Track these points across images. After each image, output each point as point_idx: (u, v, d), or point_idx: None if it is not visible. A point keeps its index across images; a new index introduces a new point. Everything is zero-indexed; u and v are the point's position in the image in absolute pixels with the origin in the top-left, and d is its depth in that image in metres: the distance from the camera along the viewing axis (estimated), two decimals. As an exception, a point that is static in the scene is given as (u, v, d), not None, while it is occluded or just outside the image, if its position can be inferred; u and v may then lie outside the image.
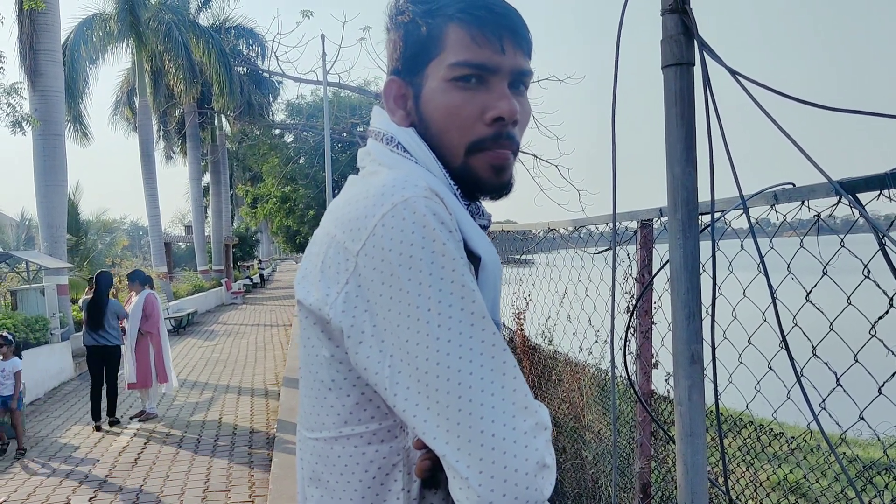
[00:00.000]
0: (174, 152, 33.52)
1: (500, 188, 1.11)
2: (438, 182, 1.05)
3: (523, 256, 5.01)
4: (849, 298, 1.73)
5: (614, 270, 1.58)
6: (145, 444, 7.89)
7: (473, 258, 1.02)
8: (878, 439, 1.85)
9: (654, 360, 2.85)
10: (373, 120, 1.18)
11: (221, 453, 7.42)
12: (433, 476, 0.97)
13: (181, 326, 19.30)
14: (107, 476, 6.78)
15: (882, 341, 1.66)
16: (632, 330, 2.90)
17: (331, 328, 0.97)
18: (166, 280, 23.51)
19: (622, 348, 2.28)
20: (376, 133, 1.15)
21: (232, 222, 41.03)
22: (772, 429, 2.25)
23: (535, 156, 18.21)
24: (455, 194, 1.08)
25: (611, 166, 1.58)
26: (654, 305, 2.87)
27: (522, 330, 4.85)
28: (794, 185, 1.85)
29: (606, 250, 3.13)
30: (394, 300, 0.90)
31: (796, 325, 1.89)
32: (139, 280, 9.21)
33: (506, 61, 1.06)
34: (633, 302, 2.96)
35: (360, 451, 1.01)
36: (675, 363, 1.46)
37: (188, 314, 20.18)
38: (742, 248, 1.92)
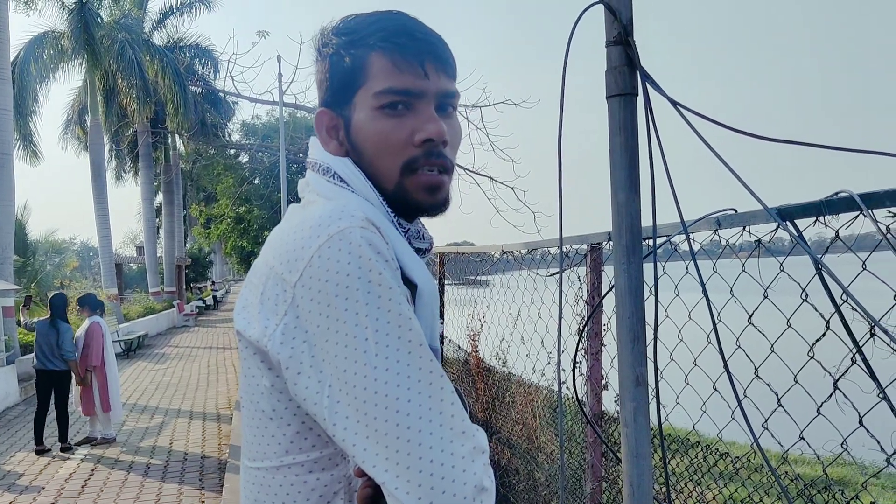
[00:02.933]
0: (125, 172, 33.01)
1: (436, 206, 1.12)
2: (376, 211, 1.06)
3: (479, 277, 5.04)
4: (788, 321, 1.78)
5: (560, 294, 1.61)
6: (93, 470, 7.69)
7: (410, 286, 1.03)
8: (818, 458, 1.90)
9: (604, 382, 2.89)
10: (310, 151, 1.19)
11: (171, 479, 7.26)
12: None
13: (131, 349, 18.89)
14: (52, 504, 6.59)
15: (820, 363, 1.71)
16: (582, 352, 2.94)
17: (270, 358, 0.98)
18: (117, 302, 23.04)
19: (572, 370, 2.31)
20: (313, 164, 1.16)
21: (185, 243, 40.41)
22: (717, 449, 2.29)
23: (491, 178, 18.32)
24: (393, 222, 1.09)
25: (557, 193, 1.62)
26: (603, 328, 2.92)
27: (477, 351, 4.86)
28: (735, 210, 1.91)
29: (557, 273, 3.17)
30: (331, 330, 0.91)
31: (739, 346, 1.93)
32: (89, 305, 8.94)
33: (430, 85, 1.08)
34: (583, 324, 3.00)
35: (302, 479, 1.01)
36: (620, 386, 1.49)
37: (139, 337, 19.77)
38: (687, 272, 1.97)
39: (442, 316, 5.58)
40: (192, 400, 11.85)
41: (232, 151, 31.17)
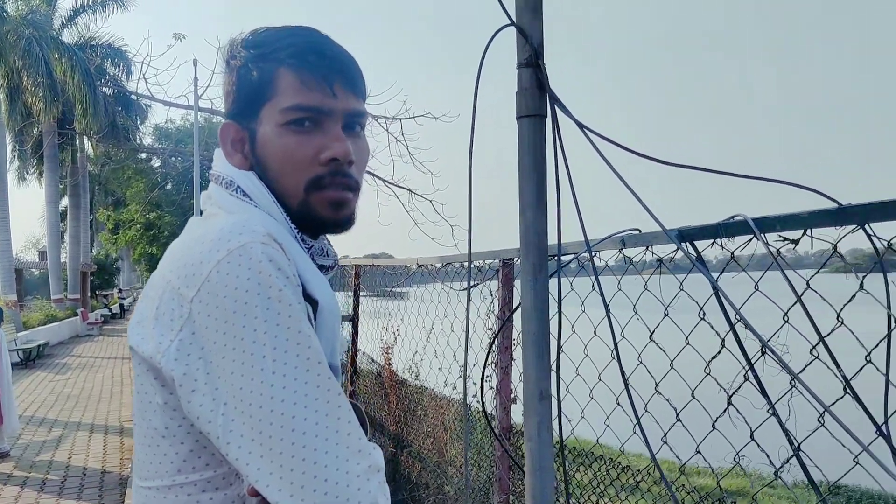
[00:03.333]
0: (29, 173, 31.66)
1: (340, 223, 1.12)
2: (279, 226, 1.05)
3: (396, 289, 5.04)
4: (686, 339, 1.85)
5: (468, 309, 1.64)
6: (-17, 486, 7.30)
7: (312, 302, 1.03)
8: (713, 471, 1.97)
9: (513, 395, 2.93)
10: (214, 163, 1.17)
11: (69, 495, 6.96)
12: None
13: (31, 359, 18.01)
14: (-64, 523, 6.22)
15: (716, 379, 1.78)
16: (492, 366, 2.97)
17: (163, 375, 0.95)
18: (16, 309, 21.99)
19: (481, 384, 2.34)
20: (217, 177, 1.14)
21: (91, 249, 38.98)
22: (620, 462, 2.36)
23: (409, 190, 18.41)
24: (296, 237, 1.08)
25: (468, 211, 1.64)
26: (513, 342, 2.96)
27: (390, 364, 4.86)
28: (640, 230, 1.97)
29: (474, 286, 3.20)
30: (228, 347, 0.90)
31: (641, 362, 2.00)
32: (-14, 311, 8.51)
33: (338, 104, 1.08)
34: (493, 338, 3.04)
35: (195, 499, 0.99)
36: (524, 400, 1.52)
37: (39, 345, 18.87)
38: (593, 289, 2.02)
39: (356, 328, 5.55)
40: (93, 412, 11.40)
41: (143, 155, 30.33)
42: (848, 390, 1.40)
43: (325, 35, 1.13)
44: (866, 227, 1.38)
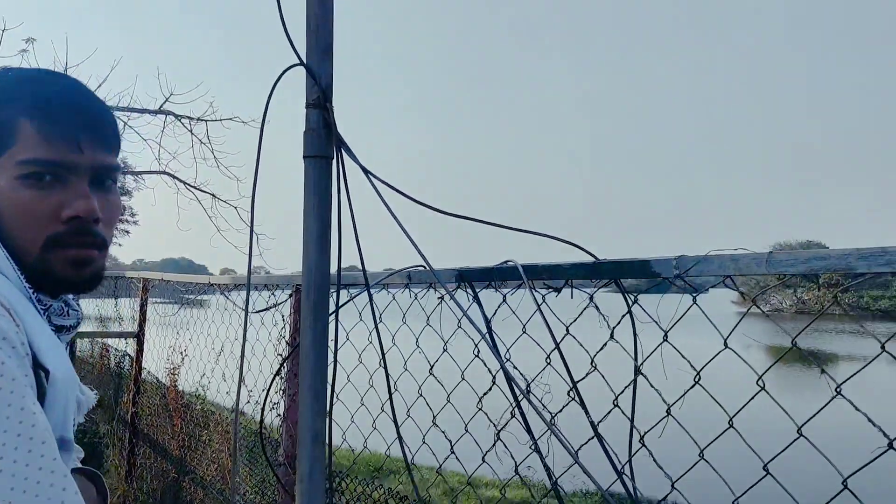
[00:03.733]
0: None
1: (82, 283, 1.06)
2: (10, 286, 0.98)
3: (198, 297, 4.85)
4: (462, 374, 1.93)
5: (244, 340, 1.62)
6: None
7: (44, 371, 0.96)
8: (478, 498, 2.06)
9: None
10: None
11: None
12: None
13: None
14: None
15: (486, 414, 1.87)
16: (281, 392, 2.93)
17: None
18: None
19: (263, 410, 2.30)
20: None
21: None
22: (398, 492, 2.41)
23: (213, 195, 17.70)
24: (30, 298, 1.01)
25: (248, 246, 1.62)
26: (302, 370, 2.93)
27: (176, 386, 4.65)
28: (425, 267, 2.03)
29: (265, 310, 3.14)
30: None
31: (421, 395, 2.06)
32: None
33: (83, 159, 1.03)
34: (281, 364, 2.99)
35: None
36: (299, 442, 1.51)
37: None
38: (381, 321, 2.05)
39: (142, 345, 5.27)
40: None
41: None
42: (595, 434, 1.51)
43: (78, 84, 1.07)
44: (619, 281, 1.51)
